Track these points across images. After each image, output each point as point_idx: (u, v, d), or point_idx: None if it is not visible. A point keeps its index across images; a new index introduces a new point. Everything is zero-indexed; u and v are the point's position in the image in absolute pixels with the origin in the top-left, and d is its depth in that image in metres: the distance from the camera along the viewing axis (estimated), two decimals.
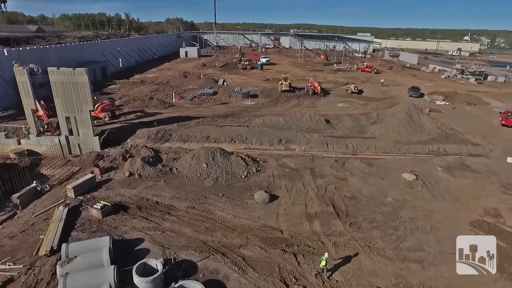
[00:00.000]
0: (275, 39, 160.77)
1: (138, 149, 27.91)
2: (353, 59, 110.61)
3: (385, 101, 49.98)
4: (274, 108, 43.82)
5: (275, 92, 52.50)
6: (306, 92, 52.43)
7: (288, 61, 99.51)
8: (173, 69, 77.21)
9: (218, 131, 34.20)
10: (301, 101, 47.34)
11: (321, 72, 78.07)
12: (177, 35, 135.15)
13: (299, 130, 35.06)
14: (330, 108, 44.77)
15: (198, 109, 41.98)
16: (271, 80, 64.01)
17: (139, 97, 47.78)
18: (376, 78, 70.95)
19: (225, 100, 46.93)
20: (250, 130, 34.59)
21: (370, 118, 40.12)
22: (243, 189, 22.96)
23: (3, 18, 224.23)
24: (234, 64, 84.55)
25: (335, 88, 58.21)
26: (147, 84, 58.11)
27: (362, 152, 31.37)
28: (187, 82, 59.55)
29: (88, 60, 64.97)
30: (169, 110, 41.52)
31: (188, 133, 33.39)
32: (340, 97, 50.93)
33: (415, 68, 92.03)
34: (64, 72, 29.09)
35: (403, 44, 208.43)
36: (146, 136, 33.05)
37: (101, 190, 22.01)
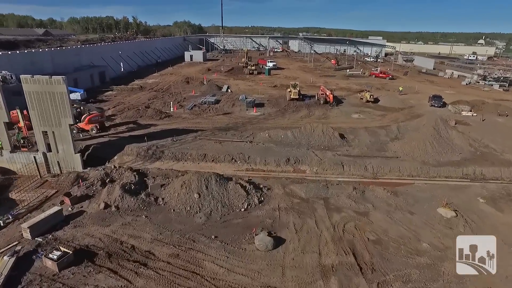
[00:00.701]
0: (283, 43, 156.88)
1: (121, 172, 23.88)
2: (365, 64, 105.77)
3: (404, 111, 45.23)
4: (281, 119, 39.50)
5: (283, 100, 48.23)
6: (317, 101, 48.03)
7: (297, 65, 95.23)
8: (176, 74, 73.59)
9: (217, 147, 30.01)
10: (312, 111, 42.91)
11: (332, 77, 73.53)
12: (183, 38, 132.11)
13: (310, 147, 30.66)
14: (344, 119, 40.23)
15: (197, 121, 37.89)
16: (279, 86, 59.76)
17: (135, 105, 44.00)
18: (392, 85, 66.15)
19: (228, 109, 42.78)
20: (253, 146, 30.31)
21: (390, 132, 35.47)
22: (241, 228, 18.65)
23: (14, 22, 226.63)
24: (241, 69, 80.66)
25: (348, 96, 53.65)
26: (146, 91, 54.41)
27: (383, 175, 26.80)
28: (189, 89, 55.70)
29: (86, 65, 61.76)
30: (165, 121, 37.53)
31: (183, 149, 29.28)
32: (354, 107, 46.35)
33: (432, 74, 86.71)
34: (40, 80, 25.24)
35: (415, 48, 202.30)
36: (135, 153, 29.04)
37: (67, 228, 17.95)
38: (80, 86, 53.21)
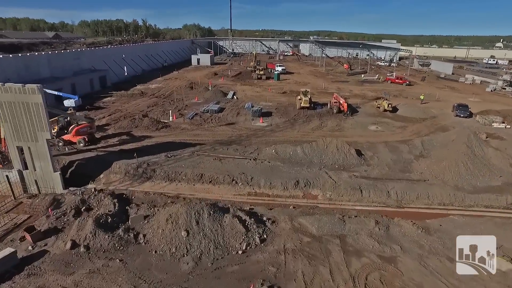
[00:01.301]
0: (294, 46, 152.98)
1: (100, 199, 20.42)
2: (379, 69, 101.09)
3: (427, 122, 40.82)
4: (290, 131, 35.62)
5: (292, 109, 44.37)
6: (329, 110, 44.05)
7: (308, 70, 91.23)
8: (181, 78, 70.47)
9: (217, 165, 26.34)
10: (324, 122, 38.90)
11: (345, 83, 69.28)
12: (191, 41, 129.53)
13: (323, 165, 26.72)
14: (361, 132, 36.12)
15: (196, 132, 34.33)
16: (289, 93, 55.94)
17: (132, 113, 40.77)
18: (410, 91, 61.59)
19: (232, 119, 39.11)
20: (258, 165, 26.53)
21: (414, 148, 31.24)
22: (237, 280, 14.86)
23: (27, 25, 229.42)
24: (249, 73, 77.11)
25: (364, 104, 49.44)
26: (146, 97, 51.26)
27: (409, 202, 22.70)
28: (192, 95, 52.34)
29: (87, 69, 59.13)
30: (161, 132, 34.09)
31: (177, 168, 25.71)
32: (371, 117, 42.16)
33: (451, 79, 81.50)
34: (12, 89, 22.01)
35: (429, 51, 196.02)
36: (124, 171, 25.61)
37: (19, 278, 14.45)
38: (78, 91, 50.49)
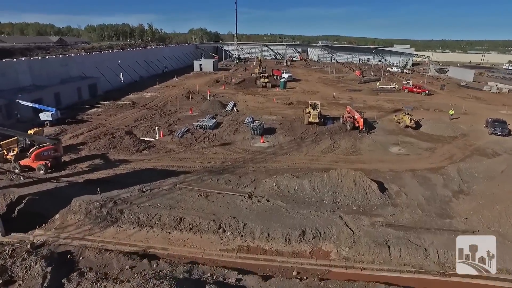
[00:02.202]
0: (302, 51, 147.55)
1: (28, 266, 14.92)
2: (393, 75, 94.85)
3: (458, 142, 34.72)
4: (296, 154, 29.90)
5: (299, 124, 38.72)
6: (342, 125, 38.29)
7: (316, 77, 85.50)
8: (179, 86, 65.45)
9: (202, 205, 20.79)
10: (337, 142, 33.08)
11: (357, 92, 63.27)
12: (195, 46, 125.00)
13: (336, 206, 20.97)
14: (381, 155, 30.22)
15: (184, 155, 28.86)
16: (296, 104, 50.33)
17: (115, 128, 35.65)
18: (430, 102, 55.41)
19: (228, 138, 33.57)
20: (254, 205, 20.88)
21: (449, 180, 25.22)
22: None
23: (34, 30, 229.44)
24: (253, 80, 71.81)
25: (380, 118, 43.47)
26: (137, 108, 46.16)
27: (455, 266, 16.75)
28: (187, 106, 47.12)
29: (76, 76, 54.44)
30: (142, 155, 28.72)
31: (151, 208, 20.24)
32: (391, 135, 36.20)
33: (474, 88, 74.70)
34: None
35: (441, 57, 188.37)
36: (85, 211, 20.24)
37: None
38: (63, 101, 45.75)
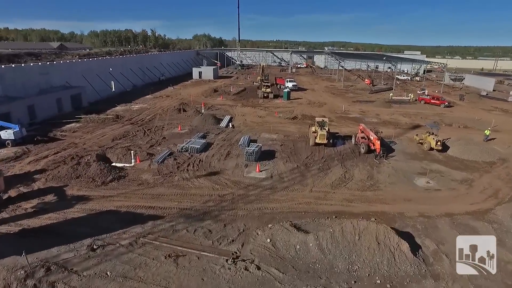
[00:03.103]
0: (308, 58, 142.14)
1: None
2: (405, 84, 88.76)
3: (498, 170, 28.58)
4: (299, 188, 23.98)
5: (304, 145, 32.91)
6: (355, 146, 32.47)
7: (323, 85, 79.74)
8: (174, 96, 60.14)
9: (167, 273, 15.01)
10: (349, 171, 27.10)
11: (369, 104, 57.24)
12: (196, 52, 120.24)
13: (353, 278, 15.04)
14: (406, 191, 24.14)
15: (159, 190, 23.14)
16: (300, 118, 44.59)
17: (87, 150, 30.23)
18: (452, 116, 49.27)
19: (217, 164, 27.81)
20: (237, 275, 15.04)
21: (502, 230, 19.12)
22: None
23: (37, 36, 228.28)
24: (255, 89, 66.24)
25: (398, 136, 37.44)
26: (120, 123, 40.73)
27: None
28: (177, 121, 41.68)
29: (59, 85, 49.42)
30: (108, 189, 23.07)
31: (95, 280, 14.52)
32: (414, 160, 30.17)
33: (497, 98, 68.11)
34: None
35: (451, 63, 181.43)
36: (2, 283, 14.65)
37: None
38: (39, 114, 40.63)
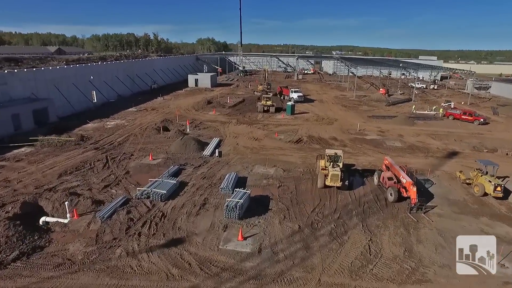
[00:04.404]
0: (315, 63, 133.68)
1: None
2: (424, 93, 79.70)
3: None
4: (301, 278, 15.35)
5: (309, 186, 24.39)
6: (379, 188, 23.87)
7: (332, 95, 71.10)
8: (161, 109, 52.17)
9: None
10: (375, 238, 18.49)
11: (388, 120, 48.41)
12: (196, 57, 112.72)
13: None
14: (469, 282, 15.47)
15: (83, 279, 14.75)
16: (306, 142, 36.09)
17: (15, 193, 22.26)
18: (492, 138, 40.21)
19: (185, 224, 19.32)
20: None
21: None
22: None
23: (38, 40, 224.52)
24: (254, 101, 58.15)
25: (433, 169, 28.68)
26: (82, 148, 32.78)
27: None
28: (153, 144, 33.66)
29: (23, 98, 41.95)
30: (9, 273, 14.94)
31: None
32: (463, 214, 21.39)
33: None
34: None
35: (465, 68, 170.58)
36: None
37: None
38: None
